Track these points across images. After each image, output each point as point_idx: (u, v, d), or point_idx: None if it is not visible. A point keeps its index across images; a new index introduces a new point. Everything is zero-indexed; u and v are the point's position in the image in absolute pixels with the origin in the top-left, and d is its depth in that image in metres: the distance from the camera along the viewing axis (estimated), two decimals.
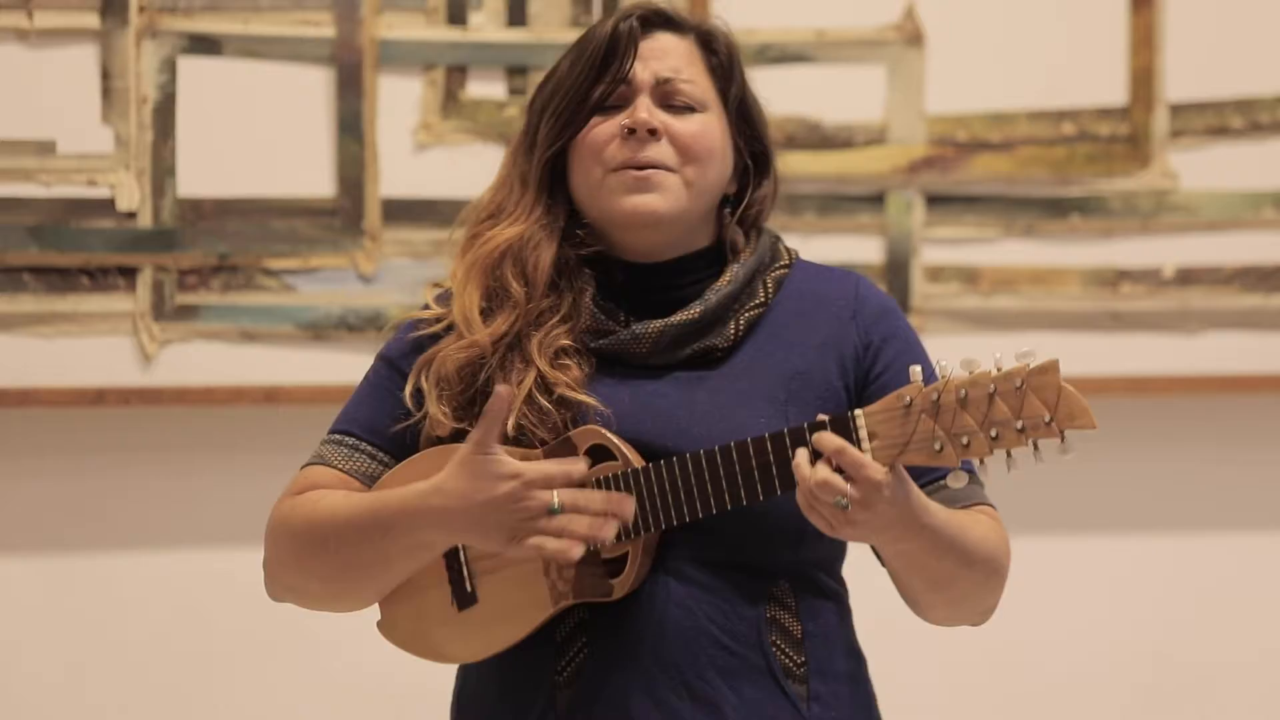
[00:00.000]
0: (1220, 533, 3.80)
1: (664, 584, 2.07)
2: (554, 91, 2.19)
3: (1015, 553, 4.02)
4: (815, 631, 2.13)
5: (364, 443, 2.18)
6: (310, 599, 2.19)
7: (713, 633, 2.08)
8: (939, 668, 3.75)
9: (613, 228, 2.17)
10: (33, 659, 3.53)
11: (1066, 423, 1.93)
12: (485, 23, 3.55)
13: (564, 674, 2.09)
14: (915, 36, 3.67)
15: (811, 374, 2.14)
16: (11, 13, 3.45)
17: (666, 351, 2.13)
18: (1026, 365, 1.93)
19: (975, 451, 1.94)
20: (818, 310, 2.18)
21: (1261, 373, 3.72)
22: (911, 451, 1.95)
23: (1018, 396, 1.93)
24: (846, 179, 3.66)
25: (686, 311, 2.14)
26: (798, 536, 2.10)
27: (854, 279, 2.22)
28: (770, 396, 2.12)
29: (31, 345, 3.46)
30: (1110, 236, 3.71)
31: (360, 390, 2.23)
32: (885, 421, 1.96)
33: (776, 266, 2.20)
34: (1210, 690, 3.80)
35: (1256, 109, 3.74)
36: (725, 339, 2.14)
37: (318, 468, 2.19)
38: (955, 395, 1.94)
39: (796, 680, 2.11)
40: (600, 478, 2.05)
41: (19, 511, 3.52)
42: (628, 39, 2.17)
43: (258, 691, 3.58)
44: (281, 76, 3.52)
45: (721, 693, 2.07)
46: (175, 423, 3.51)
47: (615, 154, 2.16)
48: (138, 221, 3.48)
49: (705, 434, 2.07)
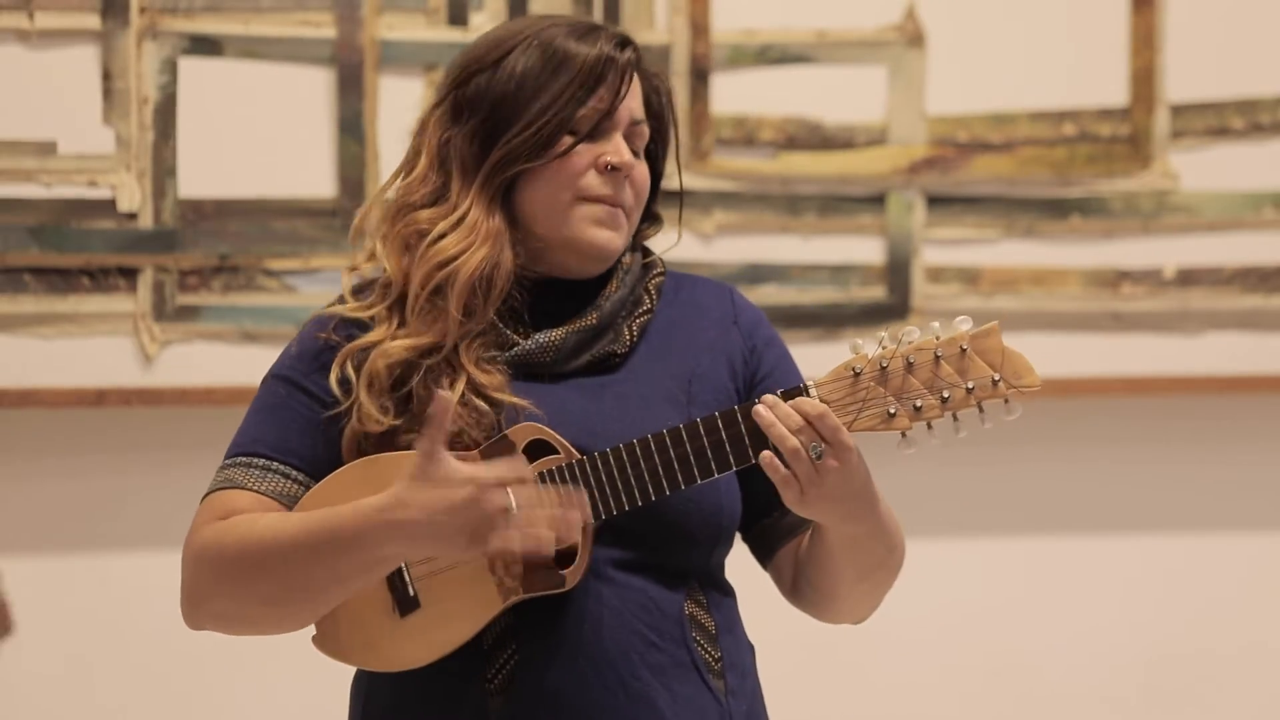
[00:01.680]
0: (1221, 533, 3.80)
1: (591, 586, 2.09)
2: (527, 99, 2.14)
3: (1015, 553, 4.03)
4: (725, 627, 2.18)
5: (275, 462, 2.14)
6: (242, 624, 2.13)
7: (641, 630, 2.11)
8: (939, 668, 3.75)
9: (563, 251, 2.17)
10: (33, 659, 3.53)
11: (1014, 380, 2.01)
12: (486, 23, 3.55)
13: (494, 681, 2.09)
14: (916, 37, 3.67)
15: (707, 376, 2.19)
16: (12, 13, 3.45)
17: (569, 358, 2.15)
18: (967, 331, 2.01)
19: (927, 413, 2.01)
20: (700, 316, 2.23)
21: (1262, 373, 3.72)
22: (865, 417, 2.01)
23: (963, 360, 2.01)
24: (847, 179, 3.66)
25: (584, 319, 2.16)
26: (713, 539, 2.15)
27: (727, 287, 2.28)
28: (672, 398, 2.16)
29: (32, 346, 3.46)
30: (1111, 237, 3.72)
31: (256, 413, 2.18)
32: (836, 391, 2.02)
33: (654, 274, 2.23)
34: (1210, 690, 3.80)
35: (1257, 110, 3.74)
36: (622, 344, 2.17)
37: (231, 492, 2.13)
38: (902, 361, 2.01)
39: (715, 675, 2.15)
40: (547, 470, 2.06)
41: (19, 511, 3.52)
42: (624, 71, 2.15)
43: (258, 692, 3.58)
44: (282, 77, 3.53)
45: (655, 689, 2.10)
46: (176, 423, 3.51)
47: (592, 186, 2.15)
48: (138, 222, 3.48)
49: (618, 434, 2.09)
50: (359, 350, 2.13)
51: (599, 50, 2.14)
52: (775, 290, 3.64)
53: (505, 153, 2.13)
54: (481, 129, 2.15)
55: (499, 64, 2.15)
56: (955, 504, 3.72)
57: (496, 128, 2.14)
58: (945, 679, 3.75)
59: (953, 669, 3.75)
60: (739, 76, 3.64)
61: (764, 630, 2.34)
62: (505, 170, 2.13)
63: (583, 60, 2.14)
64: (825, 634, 2.55)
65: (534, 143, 2.13)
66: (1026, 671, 3.77)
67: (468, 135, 2.15)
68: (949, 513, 3.72)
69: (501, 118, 2.14)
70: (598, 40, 2.15)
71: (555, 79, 2.13)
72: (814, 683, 3.67)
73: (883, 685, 3.74)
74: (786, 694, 2.75)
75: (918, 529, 3.60)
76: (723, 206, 3.64)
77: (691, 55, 3.62)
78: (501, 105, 2.14)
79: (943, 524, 3.71)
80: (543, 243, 2.16)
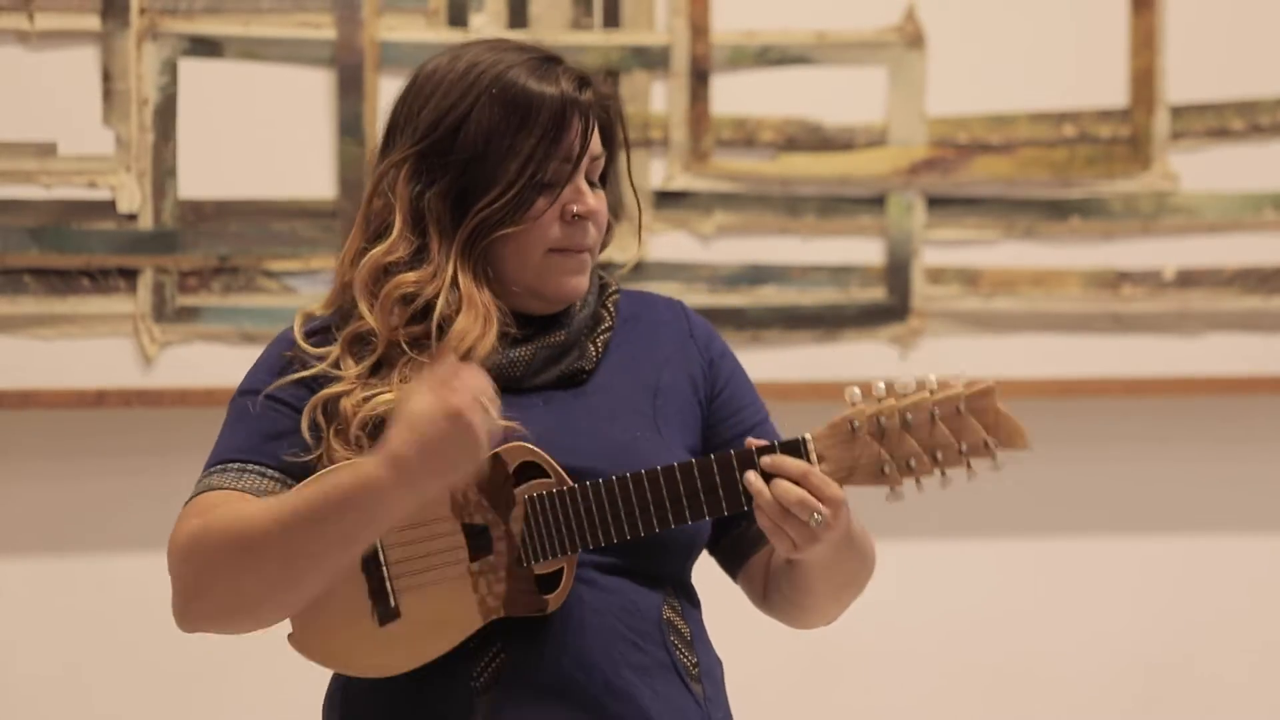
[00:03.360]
0: (1221, 534, 3.80)
1: (574, 589, 2.11)
2: (497, 159, 2.13)
3: (1015, 554, 4.03)
4: (698, 634, 2.21)
5: (251, 464, 2.14)
6: (241, 614, 2.11)
7: (622, 632, 2.13)
8: (939, 671, 3.75)
9: (530, 297, 2.19)
10: (32, 660, 3.53)
11: (1006, 444, 2.03)
12: (486, 24, 3.55)
13: (481, 678, 2.10)
14: (916, 38, 3.67)
15: (670, 390, 2.22)
16: (12, 14, 3.45)
17: (539, 373, 2.17)
18: (962, 390, 2.03)
19: (919, 473, 2.04)
20: (656, 331, 2.26)
21: (1262, 374, 3.72)
22: (859, 474, 2.04)
23: (958, 420, 2.03)
24: (847, 180, 3.66)
25: (552, 335, 2.18)
26: (688, 550, 2.20)
27: (678, 302, 2.31)
28: (639, 410, 2.19)
29: (32, 347, 3.46)
30: (1111, 238, 3.71)
31: (228, 428, 2.19)
32: (833, 445, 2.04)
33: (610, 292, 2.26)
34: (1210, 691, 3.80)
35: (1257, 111, 3.74)
36: (589, 360, 2.20)
37: (210, 494, 2.13)
38: (899, 419, 2.02)
39: (693, 680, 2.17)
40: (537, 494, 2.08)
41: (19, 513, 3.52)
42: (584, 116, 2.16)
43: (259, 692, 3.58)
44: (282, 78, 3.53)
45: (638, 688, 2.12)
46: (176, 424, 3.51)
47: (557, 237, 2.16)
48: (138, 223, 3.48)
49: (591, 448, 2.12)
50: (326, 401, 2.13)
51: (559, 91, 2.14)
52: (775, 291, 3.64)
53: (483, 219, 2.14)
54: (454, 188, 2.15)
55: (464, 122, 2.15)
56: (954, 506, 3.71)
57: (469, 190, 2.15)
58: (945, 679, 3.75)
59: (952, 669, 3.74)
60: (739, 77, 3.64)
61: (765, 632, 2.34)
62: (486, 236, 2.15)
63: (546, 107, 2.14)
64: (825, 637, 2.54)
65: (511, 208, 2.14)
66: (1026, 672, 3.77)
67: (440, 194, 2.16)
68: (947, 514, 3.72)
69: (473, 180, 2.15)
70: (557, 78, 2.15)
71: (523, 133, 2.14)
72: (814, 683, 3.67)
73: (882, 687, 3.74)
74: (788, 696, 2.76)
75: (915, 531, 3.62)
76: (723, 207, 3.64)
77: (691, 56, 3.62)
78: (472, 166, 2.15)
79: (941, 526, 3.71)
80: (514, 288, 2.18)
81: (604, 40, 3.57)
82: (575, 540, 2.08)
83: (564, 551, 2.08)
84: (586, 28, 3.59)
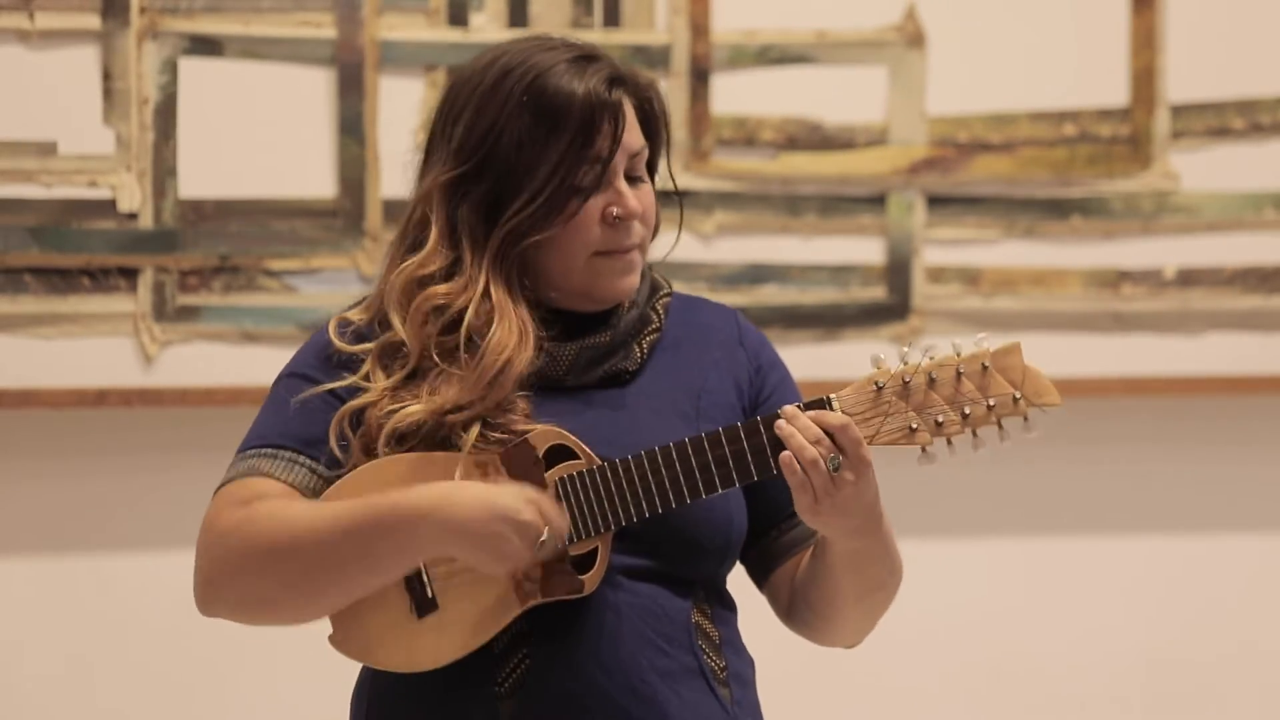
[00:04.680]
0: (1221, 534, 3.80)
1: (601, 592, 2.11)
2: (529, 165, 2.12)
3: (1016, 554, 4.03)
4: (728, 638, 2.20)
5: (302, 455, 2.14)
6: (260, 608, 2.13)
7: (649, 636, 2.12)
8: (939, 672, 3.75)
9: (581, 298, 2.18)
10: (33, 660, 3.53)
11: (1035, 398, 2.02)
12: (487, 24, 3.56)
13: (505, 685, 2.11)
14: (916, 37, 3.67)
15: (714, 393, 2.21)
16: (13, 14, 3.45)
17: (582, 372, 2.17)
18: (988, 348, 2.02)
19: (948, 429, 2.02)
20: (706, 336, 2.25)
21: (1262, 374, 3.72)
22: (886, 432, 2.03)
23: (985, 377, 2.02)
24: (847, 180, 3.66)
25: (598, 335, 2.18)
26: (721, 551, 2.18)
27: (732, 310, 2.30)
28: (682, 413, 2.18)
29: (32, 346, 3.46)
30: (1111, 237, 3.72)
31: (279, 407, 2.17)
32: (859, 404, 2.04)
33: (662, 294, 2.25)
34: (1210, 691, 3.80)
35: (1258, 110, 3.74)
36: (633, 361, 2.19)
37: (256, 479, 2.13)
38: (925, 377, 2.01)
39: (721, 684, 2.16)
40: (568, 474, 2.08)
41: (19, 512, 3.52)
42: (614, 116, 2.14)
43: (259, 692, 3.58)
44: (282, 77, 3.53)
45: (664, 694, 2.11)
46: (176, 424, 3.51)
47: (601, 239, 2.15)
48: (139, 222, 3.48)
49: (632, 444, 2.10)
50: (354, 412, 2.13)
51: (588, 93, 2.12)
52: (775, 290, 3.64)
53: (514, 226, 2.13)
54: (486, 199, 2.14)
55: (495, 134, 2.13)
56: (955, 504, 3.72)
57: (501, 199, 2.14)
58: (944, 680, 3.75)
59: (952, 669, 3.75)
60: (739, 77, 3.64)
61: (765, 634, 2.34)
62: (517, 244, 2.13)
63: (575, 111, 2.12)
64: None
65: (542, 213, 2.12)
66: (1025, 671, 3.77)
67: (473, 205, 2.15)
68: (949, 513, 3.72)
69: (505, 190, 2.13)
70: (587, 79, 2.13)
71: (554, 138, 2.12)
72: (814, 684, 3.67)
73: (882, 686, 3.74)
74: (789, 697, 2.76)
75: (917, 529, 3.62)
76: (723, 207, 3.64)
77: (691, 55, 3.62)
78: (504, 177, 2.13)
79: (942, 524, 3.71)
80: (559, 293, 2.17)
81: (604, 40, 3.57)
82: (609, 518, 2.07)
83: (597, 530, 2.08)
84: (587, 27, 3.59)
